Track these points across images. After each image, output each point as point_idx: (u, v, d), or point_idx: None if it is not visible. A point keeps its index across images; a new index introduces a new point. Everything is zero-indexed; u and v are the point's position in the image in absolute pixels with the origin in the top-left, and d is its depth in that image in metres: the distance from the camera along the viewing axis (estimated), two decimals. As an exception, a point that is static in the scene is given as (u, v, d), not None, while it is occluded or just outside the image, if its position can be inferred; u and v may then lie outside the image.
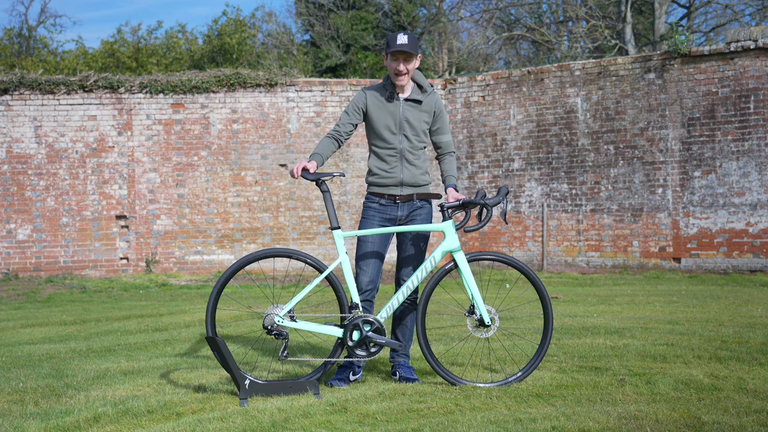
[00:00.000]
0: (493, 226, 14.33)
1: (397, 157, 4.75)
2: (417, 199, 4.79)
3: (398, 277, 4.80)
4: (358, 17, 25.17)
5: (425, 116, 4.80)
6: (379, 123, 4.76)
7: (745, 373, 4.52)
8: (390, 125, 4.75)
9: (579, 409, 3.77)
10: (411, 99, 4.78)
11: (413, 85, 4.82)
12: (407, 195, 4.76)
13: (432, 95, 4.84)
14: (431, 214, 4.87)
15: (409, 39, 4.66)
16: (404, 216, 4.77)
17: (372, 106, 4.78)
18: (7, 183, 13.57)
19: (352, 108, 4.81)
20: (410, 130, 4.76)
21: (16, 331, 7.49)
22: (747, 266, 12.01)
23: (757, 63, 11.98)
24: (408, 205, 4.77)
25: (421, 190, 4.82)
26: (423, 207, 4.82)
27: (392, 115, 4.76)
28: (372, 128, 4.80)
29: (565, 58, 23.57)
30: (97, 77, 13.78)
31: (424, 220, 4.80)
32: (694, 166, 12.47)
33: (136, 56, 27.16)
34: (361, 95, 4.82)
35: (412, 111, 4.77)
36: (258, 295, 10.31)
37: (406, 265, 4.77)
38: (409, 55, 4.67)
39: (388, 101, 4.77)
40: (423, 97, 4.80)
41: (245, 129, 14.24)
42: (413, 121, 4.76)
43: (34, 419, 3.95)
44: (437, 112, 4.85)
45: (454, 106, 14.77)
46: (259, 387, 4.24)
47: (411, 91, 4.80)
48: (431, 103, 4.82)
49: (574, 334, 6.06)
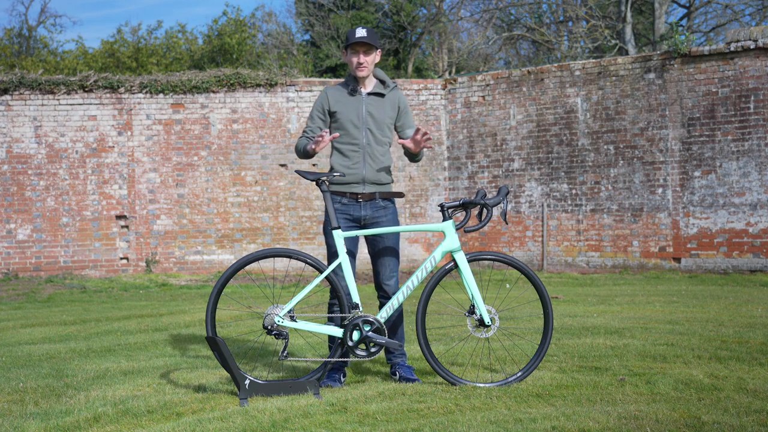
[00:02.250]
0: (493, 226, 14.33)
1: (359, 153, 4.71)
2: (380, 198, 4.74)
3: (379, 281, 4.76)
4: (358, 17, 25.17)
5: (389, 110, 4.80)
6: (342, 117, 4.74)
7: (745, 373, 4.52)
8: (353, 119, 4.73)
9: (579, 409, 3.77)
10: (373, 93, 4.78)
11: (375, 81, 4.83)
12: (369, 194, 4.70)
13: (395, 90, 4.85)
14: (396, 214, 4.84)
15: (368, 32, 4.71)
16: (368, 216, 4.71)
17: (334, 103, 4.77)
18: (7, 183, 13.57)
19: (317, 110, 4.80)
20: (374, 124, 4.74)
21: (16, 331, 7.49)
22: (747, 266, 12.01)
23: (757, 63, 11.98)
24: (371, 204, 4.71)
25: (383, 189, 4.77)
26: (387, 207, 4.77)
27: (355, 108, 4.74)
28: (335, 123, 4.77)
29: (565, 58, 23.57)
30: (97, 77, 13.78)
31: (390, 222, 4.76)
32: (694, 166, 12.47)
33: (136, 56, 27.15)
34: (322, 95, 4.82)
35: (375, 105, 4.76)
36: (258, 295, 10.31)
37: (385, 268, 4.73)
38: (368, 47, 4.70)
39: (351, 95, 4.77)
40: (386, 92, 4.80)
41: (245, 129, 14.24)
42: (376, 115, 4.75)
43: (34, 419, 3.95)
44: (401, 107, 4.85)
45: (454, 106, 14.77)
46: (259, 387, 4.24)
47: (373, 86, 4.81)
48: (394, 98, 4.83)
49: (574, 334, 6.06)
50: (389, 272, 4.74)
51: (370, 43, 4.69)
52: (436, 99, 14.86)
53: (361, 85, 4.80)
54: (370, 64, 4.74)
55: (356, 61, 4.72)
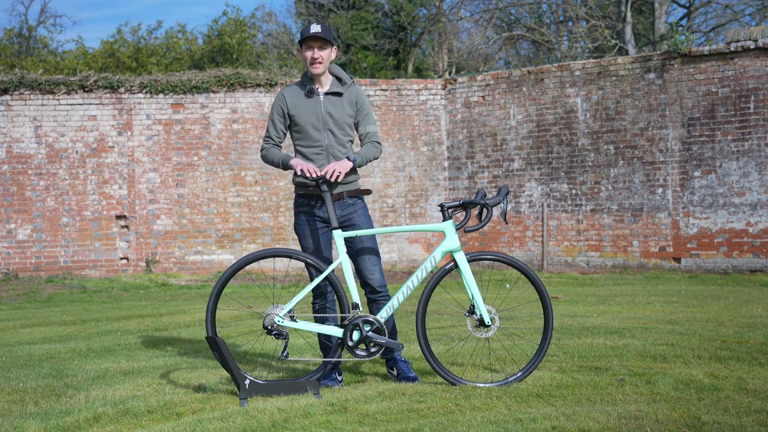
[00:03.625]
0: (493, 226, 14.33)
1: (323, 155, 4.65)
2: (347, 196, 4.69)
3: (363, 277, 4.71)
4: (358, 17, 25.17)
5: (348, 108, 4.71)
6: (301, 120, 4.66)
7: (745, 373, 4.52)
8: (313, 121, 4.65)
9: (579, 409, 3.77)
10: (331, 92, 4.70)
11: (332, 78, 4.74)
12: (337, 194, 4.64)
13: (352, 87, 4.76)
14: (366, 209, 4.78)
15: (323, 27, 4.62)
16: (339, 215, 4.64)
17: (293, 105, 4.68)
18: (7, 183, 13.57)
19: (276, 114, 4.72)
20: (334, 125, 4.66)
21: (16, 331, 7.49)
22: (747, 266, 12.01)
23: (757, 63, 11.98)
24: (339, 204, 4.66)
25: (350, 187, 4.71)
26: (356, 204, 4.71)
27: (314, 110, 4.66)
28: (295, 127, 4.70)
29: (565, 58, 23.57)
30: (97, 77, 13.78)
31: (362, 217, 4.70)
32: (694, 166, 12.47)
33: (136, 56, 27.16)
34: (279, 97, 4.72)
35: (333, 104, 4.68)
36: (258, 295, 10.31)
37: (365, 261, 4.69)
38: (323, 42, 4.61)
39: (308, 97, 4.68)
40: (343, 90, 4.71)
41: (245, 129, 14.24)
42: (336, 115, 4.67)
43: (34, 419, 3.95)
44: (359, 103, 4.74)
45: (454, 106, 14.77)
46: (259, 387, 4.24)
47: (330, 85, 4.72)
48: (352, 95, 4.73)
49: (574, 334, 6.06)
50: (371, 266, 4.69)
51: (325, 38, 4.59)
52: (436, 99, 14.85)
53: (317, 84, 4.70)
54: (326, 60, 4.64)
55: (311, 57, 4.61)
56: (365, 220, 4.73)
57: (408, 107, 14.77)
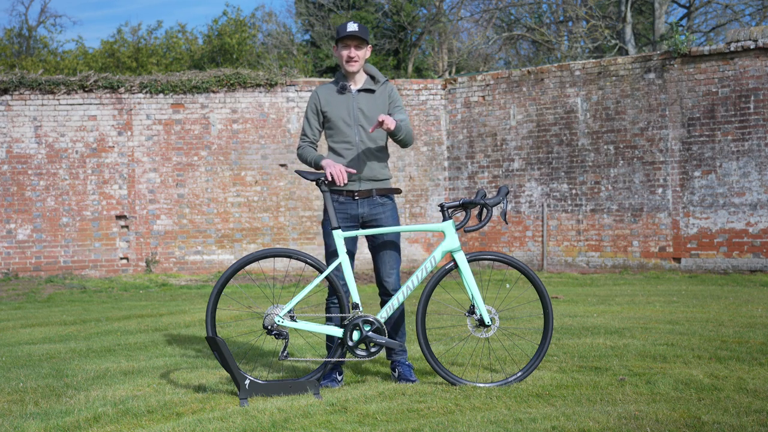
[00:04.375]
0: (493, 226, 14.33)
1: (353, 151, 4.67)
2: (377, 195, 4.69)
3: (380, 277, 4.73)
4: (358, 17, 25.16)
5: (380, 106, 4.73)
6: (333, 116, 4.70)
7: (745, 373, 4.52)
8: (344, 117, 4.69)
9: (579, 409, 3.77)
10: (364, 89, 4.74)
11: (366, 77, 4.78)
12: (366, 191, 4.66)
13: (386, 85, 4.79)
14: (396, 210, 4.79)
15: (360, 27, 4.66)
16: (366, 213, 4.67)
17: (325, 102, 4.73)
18: (7, 183, 13.57)
19: (310, 112, 4.77)
20: (365, 121, 4.69)
21: (16, 331, 7.49)
22: (747, 266, 12.01)
23: (757, 63, 11.98)
24: (368, 201, 4.67)
25: (380, 185, 4.72)
26: (385, 204, 4.72)
27: (346, 107, 4.70)
28: (328, 123, 4.74)
29: (565, 58, 23.57)
30: (97, 77, 13.78)
31: (389, 218, 4.71)
32: (694, 166, 12.47)
33: (136, 56, 27.16)
34: (314, 95, 4.77)
35: (365, 101, 4.71)
36: (258, 295, 10.31)
37: (385, 264, 4.70)
38: (359, 41, 4.65)
39: (340, 93, 4.72)
40: (376, 87, 4.75)
41: (245, 129, 14.24)
42: (367, 111, 4.70)
43: (34, 419, 3.95)
44: (392, 97, 4.77)
45: (454, 106, 14.77)
46: (259, 387, 4.24)
47: (363, 82, 4.76)
48: (385, 92, 4.76)
49: (574, 334, 6.06)
50: (389, 269, 4.71)
51: (362, 37, 4.64)
52: (436, 99, 14.85)
53: (351, 82, 4.75)
54: (361, 59, 4.69)
55: (347, 55, 4.67)
56: (392, 222, 4.73)
57: (408, 107, 14.77)
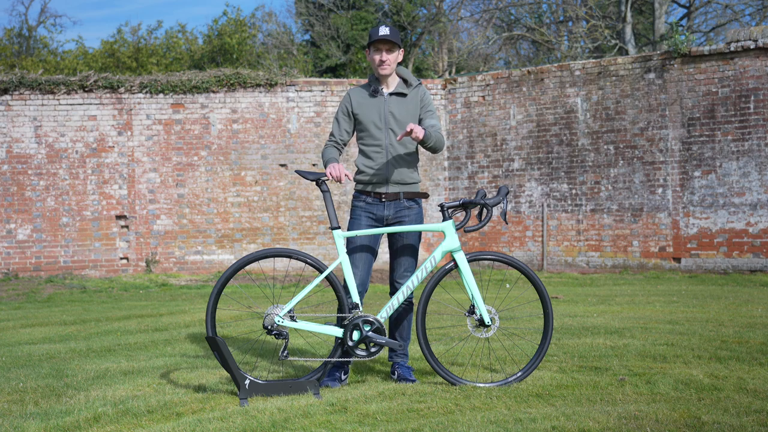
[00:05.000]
0: (493, 226, 14.33)
1: (383, 154, 4.68)
2: (404, 198, 4.71)
3: (392, 278, 4.74)
4: (358, 17, 25.16)
5: (412, 110, 4.74)
6: (365, 118, 4.72)
7: (745, 373, 4.52)
8: (375, 120, 4.70)
9: (579, 409, 3.77)
10: (396, 93, 4.74)
11: (398, 80, 4.79)
12: (393, 193, 4.68)
13: (418, 88, 4.79)
14: (422, 214, 4.79)
15: (391, 30, 4.67)
16: (391, 216, 4.69)
17: (357, 105, 4.75)
18: (7, 183, 13.57)
19: (341, 113, 4.79)
20: (396, 125, 4.70)
21: (16, 331, 7.49)
22: (747, 266, 12.01)
23: (757, 63, 11.98)
24: (394, 204, 4.69)
25: (408, 189, 4.73)
26: (411, 207, 4.73)
27: (377, 109, 4.71)
28: (359, 125, 4.76)
29: (565, 58, 23.56)
30: (97, 77, 13.78)
31: (414, 222, 4.72)
32: (694, 166, 12.47)
33: (136, 56, 27.16)
34: (346, 98, 4.81)
35: (397, 105, 4.72)
36: (258, 295, 10.31)
37: (400, 267, 4.72)
38: (391, 45, 4.66)
39: (372, 96, 4.74)
40: (408, 91, 4.76)
41: (245, 129, 14.24)
42: (398, 115, 4.70)
43: (34, 419, 3.94)
44: (424, 101, 4.78)
45: (454, 106, 14.77)
46: (259, 387, 4.24)
47: (396, 86, 4.76)
48: (417, 96, 4.77)
49: (574, 334, 6.06)
50: (403, 271, 4.72)
51: (393, 41, 4.65)
52: (436, 99, 14.85)
53: (383, 85, 4.76)
54: (393, 62, 4.70)
55: (378, 59, 4.67)
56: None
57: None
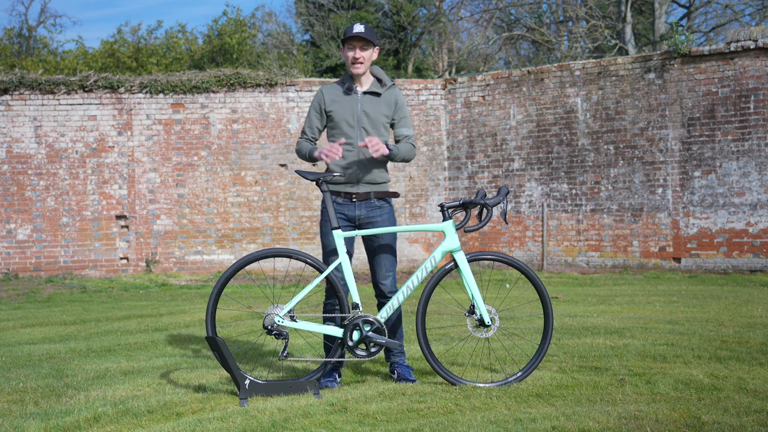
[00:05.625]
0: (493, 226, 14.33)
1: (354, 152, 4.66)
2: (375, 198, 4.69)
3: (376, 280, 4.71)
4: (358, 17, 25.16)
5: (385, 109, 4.73)
6: (337, 116, 4.70)
7: (745, 373, 4.52)
8: (348, 118, 4.68)
9: (579, 409, 3.77)
10: (369, 92, 4.72)
11: (372, 79, 4.77)
12: (364, 193, 4.66)
13: (392, 89, 4.78)
14: (393, 213, 4.78)
15: (366, 28, 4.66)
16: (363, 216, 4.67)
17: (330, 102, 4.73)
18: (7, 183, 13.57)
19: (313, 110, 4.77)
20: (369, 123, 4.68)
21: (16, 331, 7.49)
22: (747, 266, 12.01)
23: (757, 63, 11.98)
24: (365, 204, 4.67)
25: (378, 188, 4.72)
26: (382, 207, 4.72)
27: (350, 108, 4.69)
28: (330, 123, 4.74)
29: (565, 58, 23.56)
30: (97, 77, 13.78)
31: (386, 222, 4.71)
32: (694, 166, 12.47)
33: (136, 56, 27.16)
34: (319, 94, 4.78)
35: (370, 104, 4.70)
36: (258, 295, 10.31)
37: (381, 268, 4.70)
38: (365, 42, 4.65)
39: (346, 94, 4.72)
40: (382, 90, 4.74)
41: (245, 129, 14.24)
42: (372, 114, 4.69)
43: (34, 419, 3.95)
44: (398, 104, 4.77)
45: (454, 106, 14.77)
46: (259, 387, 4.24)
47: (370, 85, 4.75)
48: (391, 96, 4.75)
49: (574, 334, 6.06)
50: (385, 271, 4.70)
51: (368, 39, 4.64)
52: (436, 99, 14.85)
53: (357, 83, 4.74)
54: (367, 60, 4.68)
55: (352, 57, 4.66)
56: (389, 225, 4.71)
57: (408, 107, 14.75)
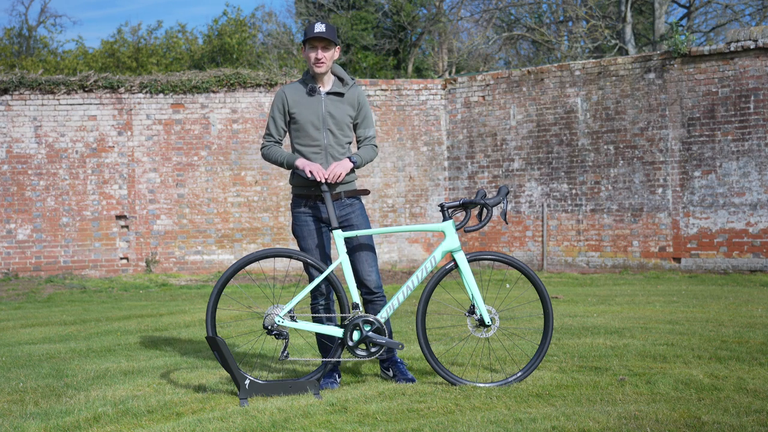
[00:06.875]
0: (493, 226, 14.33)
1: (322, 155, 4.64)
2: (345, 197, 4.68)
3: (360, 277, 4.68)
4: (358, 17, 25.16)
5: (348, 109, 4.71)
6: (302, 118, 4.65)
7: (745, 373, 4.52)
8: (313, 120, 4.64)
9: (579, 409, 3.77)
10: (333, 92, 4.69)
11: (334, 78, 4.73)
12: (335, 194, 4.64)
13: (354, 88, 4.76)
14: (364, 210, 4.77)
15: (327, 27, 4.61)
16: (338, 216, 4.63)
17: (293, 103, 4.67)
18: (7, 183, 13.56)
19: (277, 111, 4.71)
20: (334, 125, 4.66)
21: (16, 331, 7.49)
22: (747, 266, 12.01)
23: (757, 63, 11.98)
24: (338, 204, 4.65)
25: (347, 187, 4.71)
26: (354, 204, 4.70)
27: (315, 109, 4.65)
28: (294, 125, 4.69)
29: (565, 58, 23.57)
30: (97, 77, 13.78)
31: (360, 218, 4.70)
32: (694, 166, 12.47)
33: (136, 56, 27.16)
34: (279, 95, 4.71)
35: (334, 104, 4.67)
36: (258, 295, 10.31)
37: (364, 264, 4.67)
38: (327, 42, 4.60)
39: (309, 95, 4.67)
40: (345, 90, 4.71)
41: (245, 129, 14.24)
42: (336, 115, 4.66)
43: (34, 419, 3.95)
44: (360, 104, 4.74)
45: (454, 106, 14.77)
46: (259, 387, 4.24)
47: (332, 85, 4.71)
48: (353, 96, 4.73)
49: (574, 334, 6.06)
50: (368, 267, 4.68)
51: (329, 39, 4.59)
52: (436, 99, 14.85)
53: (319, 83, 4.69)
54: (329, 60, 4.63)
55: (314, 57, 4.61)
56: (363, 221, 4.72)
57: (408, 107, 14.78)
